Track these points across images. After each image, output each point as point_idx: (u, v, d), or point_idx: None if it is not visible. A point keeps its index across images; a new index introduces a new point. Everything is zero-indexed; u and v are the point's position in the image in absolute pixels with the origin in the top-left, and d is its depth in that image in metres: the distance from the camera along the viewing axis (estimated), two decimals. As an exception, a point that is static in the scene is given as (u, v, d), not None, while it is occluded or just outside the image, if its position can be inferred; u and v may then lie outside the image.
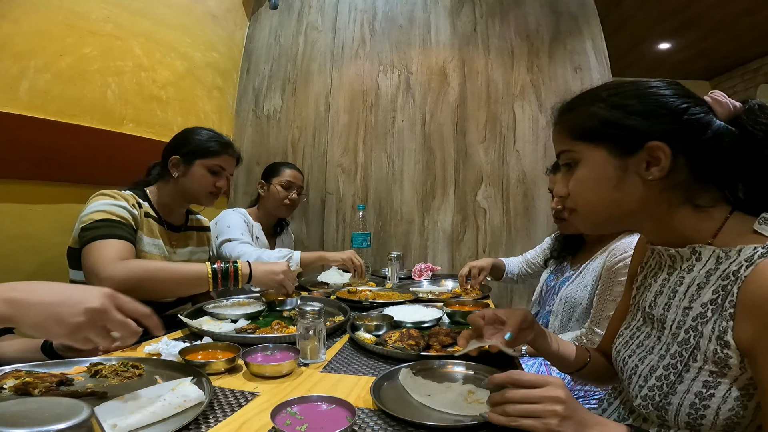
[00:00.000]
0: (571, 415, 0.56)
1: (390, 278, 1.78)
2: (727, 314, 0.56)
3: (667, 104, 0.63)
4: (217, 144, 1.36)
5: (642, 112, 0.63)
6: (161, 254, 1.30)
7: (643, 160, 0.63)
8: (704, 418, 0.57)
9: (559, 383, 0.58)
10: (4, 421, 0.35)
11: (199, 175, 1.32)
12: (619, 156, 0.64)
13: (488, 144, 2.34)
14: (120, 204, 1.17)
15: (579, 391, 1.29)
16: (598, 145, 0.66)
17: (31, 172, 1.30)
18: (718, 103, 0.64)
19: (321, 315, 0.90)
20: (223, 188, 1.38)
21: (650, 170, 0.63)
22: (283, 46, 2.55)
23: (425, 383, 0.77)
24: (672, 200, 0.64)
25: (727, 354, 0.55)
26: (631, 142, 0.63)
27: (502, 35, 2.39)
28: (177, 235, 1.40)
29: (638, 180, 0.64)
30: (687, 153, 0.62)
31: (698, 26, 3.85)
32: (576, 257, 1.49)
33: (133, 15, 1.70)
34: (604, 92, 0.68)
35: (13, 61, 1.28)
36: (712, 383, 0.57)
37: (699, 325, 0.59)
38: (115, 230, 1.11)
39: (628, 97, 0.65)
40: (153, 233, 1.28)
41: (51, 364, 0.81)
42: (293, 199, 1.85)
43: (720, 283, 0.58)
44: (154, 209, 1.31)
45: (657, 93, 0.64)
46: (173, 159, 1.32)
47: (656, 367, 0.64)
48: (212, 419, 0.64)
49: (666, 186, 0.63)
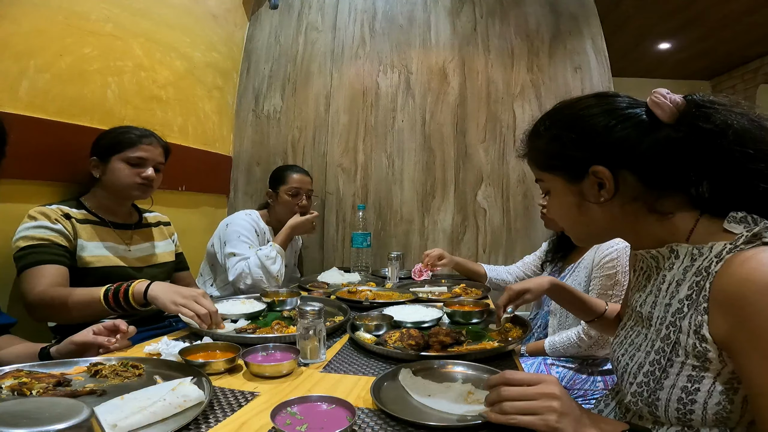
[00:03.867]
0: (568, 412, 0.56)
1: (390, 278, 1.78)
2: (702, 308, 0.57)
3: (594, 127, 0.65)
4: (132, 136, 1.33)
5: (575, 141, 0.66)
6: (115, 254, 1.31)
7: (594, 183, 0.65)
8: (693, 413, 0.57)
9: (553, 380, 0.59)
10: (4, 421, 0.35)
11: (118, 170, 1.30)
12: (572, 183, 0.68)
13: (488, 144, 2.34)
14: (41, 225, 1.18)
15: (578, 391, 1.29)
16: (554, 174, 0.70)
17: (31, 172, 1.30)
18: (657, 105, 0.63)
19: (321, 315, 0.90)
20: (152, 178, 1.34)
21: (601, 192, 0.65)
22: (283, 46, 2.55)
23: (425, 383, 0.77)
24: (636, 212, 0.66)
25: (706, 348, 0.56)
26: (575, 170, 0.67)
27: (502, 35, 2.39)
28: (130, 233, 1.40)
29: (594, 203, 0.67)
30: (630, 167, 0.63)
31: (698, 26, 3.85)
32: (569, 257, 1.51)
33: (133, 15, 1.69)
34: (544, 124, 0.72)
35: (13, 61, 1.28)
36: (696, 377, 0.58)
37: (677, 320, 0.61)
38: (38, 256, 1.14)
39: (561, 128, 0.68)
40: (98, 237, 1.29)
41: (51, 365, 0.81)
42: (303, 205, 1.83)
43: (694, 279, 0.60)
44: (94, 213, 1.31)
45: (586, 115, 0.66)
46: (91, 161, 1.32)
47: (643, 363, 0.65)
48: (212, 419, 0.64)
49: (623, 201, 0.65)
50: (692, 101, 0.62)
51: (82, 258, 1.23)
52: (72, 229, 1.23)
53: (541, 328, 1.52)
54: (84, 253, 1.24)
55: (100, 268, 1.26)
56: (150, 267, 1.41)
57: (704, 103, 0.62)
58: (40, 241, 1.16)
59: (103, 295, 1.07)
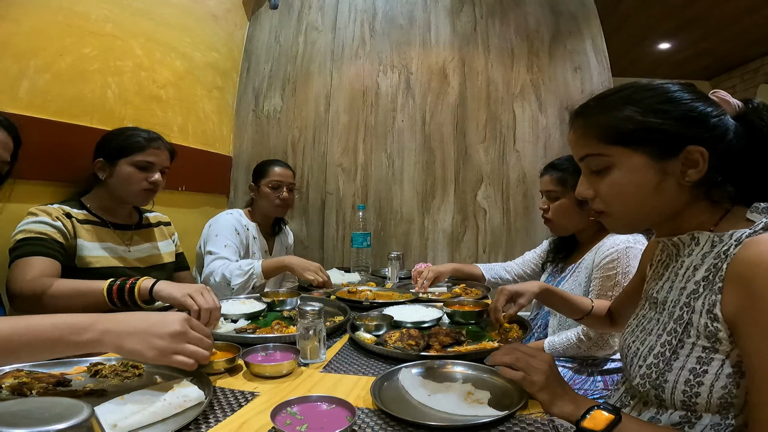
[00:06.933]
0: (552, 382, 0.68)
1: (390, 278, 1.77)
2: (716, 288, 0.60)
3: (696, 109, 0.65)
4: (140, 139, 1.32)
5: (679, 118, 0.64)
6: (114, 255, 1.31)
7: (680, 163, 0.65)
8: (699, 395, 0.59)
9: (549, 356, 0.71)
10: (4, 421, 0.35)
11: (126, 173, 1.30)
12: (659, 160, 0.65)
13: (488, 144, 2.34)
14: (41, 220, 1.17)
15: (578, 391, 1.29)
16: (635, 149, 0.66)
17: (31, 172, 1.30)
18: (726, 102, 0.66)
19: (321, 315, 0.90)
20: (158, 183, 1.34)
21: (687, 173, 0.64)
22: (283, 46, 2.55)
23: (425, 383, 0.77)
24: (696, 197, 0.67)
25: (717, 327, 0.59)
26: (670, 147, 0.65)
27: (502, 35, 2.39)
28: (130, 233, 1.40)
29: (674, 183, 0.65)
30: (716, 154, 0.64)
31: (698, 26, 3.85)
32: (570, 257, 1.51)
33: (133, 15, 1.69)
34: (634, 95, 0.68)
35: (13, 61, 1.28)
36: (705, 359, 0.60)
37: (692, 301, 0.63)
38: (33, 248, 1.13)
39: (662, 102, 0.66)
40: (98, 237, 1.28)
41: (51, 364, 0.81)
42: (284, 198, 1.81)
43: (712, 261, 0.62)
44: (95, 214, 1.31)
45: (685, 98, 0.66)
46: (97, 163, 1.31)
47: (654, 345, 0.67)
48: (212, 419, 0.64)
49: (695, 186, 0.66)
50: (756, 108, 0.67)
51: (82, 258, 1.23)
52: (71, 228, 1.23)
53: (541, 328, 1.52)
54: (84, 253, 1.24)
55: (100, 268, 1.26)
56: (150, 267, 1.41)
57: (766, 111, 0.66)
58: (37, 235, 1.15)
59: (106, 288, 1.06)
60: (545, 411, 0.67)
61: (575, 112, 0.73)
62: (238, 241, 1.70)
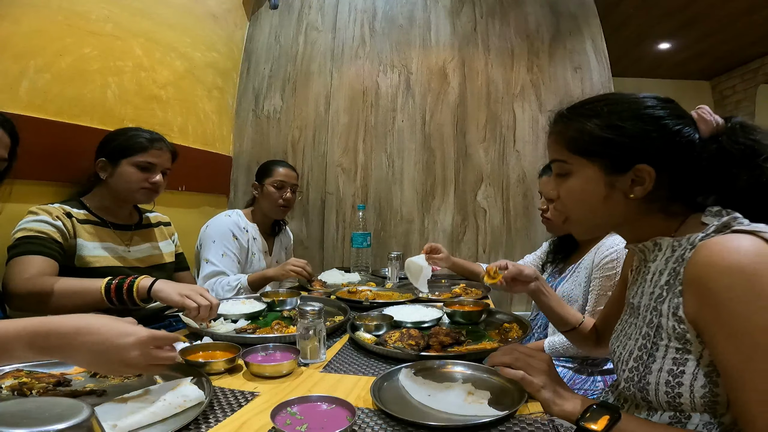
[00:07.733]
0: (551, 382, 0.69)
1: (390, 278, 1.77)
2: (677, 291, 0.62)
3: (661, 127, 0.66)
4: (143, 140, 1.32)
5: (636, 135, 0.66)
6: (114, 255, 1.31)
7: (629, 178, 0.67)
8: (681, 396, 0.60)
9: (548, 356, 0.73)
10: (4, 421, 0.35)
11: (127, 173, 1.30)
12: (609, 174, 0.68)
13: (488, 144, 2.34)
14: (41, 219, 1.17)
15: (578, 390, 1.29)
16: (592, 160, 0.69)
17: (31, 172, 1.30)
18: (703, 120, 0.67)
19: (321, 315, 0.90)
20: (159, 183, 1.34)
21: (634, 189, 0.67)
22: (283, 46, 2.54)
23: (425, 383, 0.77)
24: (649, 210, 0.69)
25: (684, 329, 0.60)
26: (622, 163, 0.67)
27: (502, 35, 2.39)
28: (130, 234, 1.40)
29: (622, 196, 0.68)
30: (671, 171, 0.66)
31: (698, 26, 3.85)
32: (570, 258, 1.51)
33: (133, 15, 1.69)
34: (603, 108, 0.70)
35: (13, 61, 1.28)
36: (680, 360, 0.61)
37: (659, 305, 0.65)
38: (32, 246, 1.12)
39: (624, 118, 0.67)
40: (98, 237, 1.28)
41: (51, 364, 0.81)
42: (287, 198, 1.81)
43: (672, 266, 0.65)
44: (95, 214, 1.31)
45: (653, 115, 0.67)
46: (99, 162, 1.31)
47: (633, 350, 0.69)
48: (212, 419, 0.64)
49: (646, 200, 0.68)
50: (732, 128, 0.67)
51: (82, 258, 1.23)
52: (71, 227, 1.23)
53: (541, 328, 1.52)
54: (84, 253, 1.23)
55: (99, 268, 1.26)
56: (150, 267, 1.41)
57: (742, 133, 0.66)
58: (36, 233, 1.15)
59: (104, 287, 1.06)
60: (545, 411, 0.67)
61: (553, 118, 0.77)
62: (236, 246, 1.69)
